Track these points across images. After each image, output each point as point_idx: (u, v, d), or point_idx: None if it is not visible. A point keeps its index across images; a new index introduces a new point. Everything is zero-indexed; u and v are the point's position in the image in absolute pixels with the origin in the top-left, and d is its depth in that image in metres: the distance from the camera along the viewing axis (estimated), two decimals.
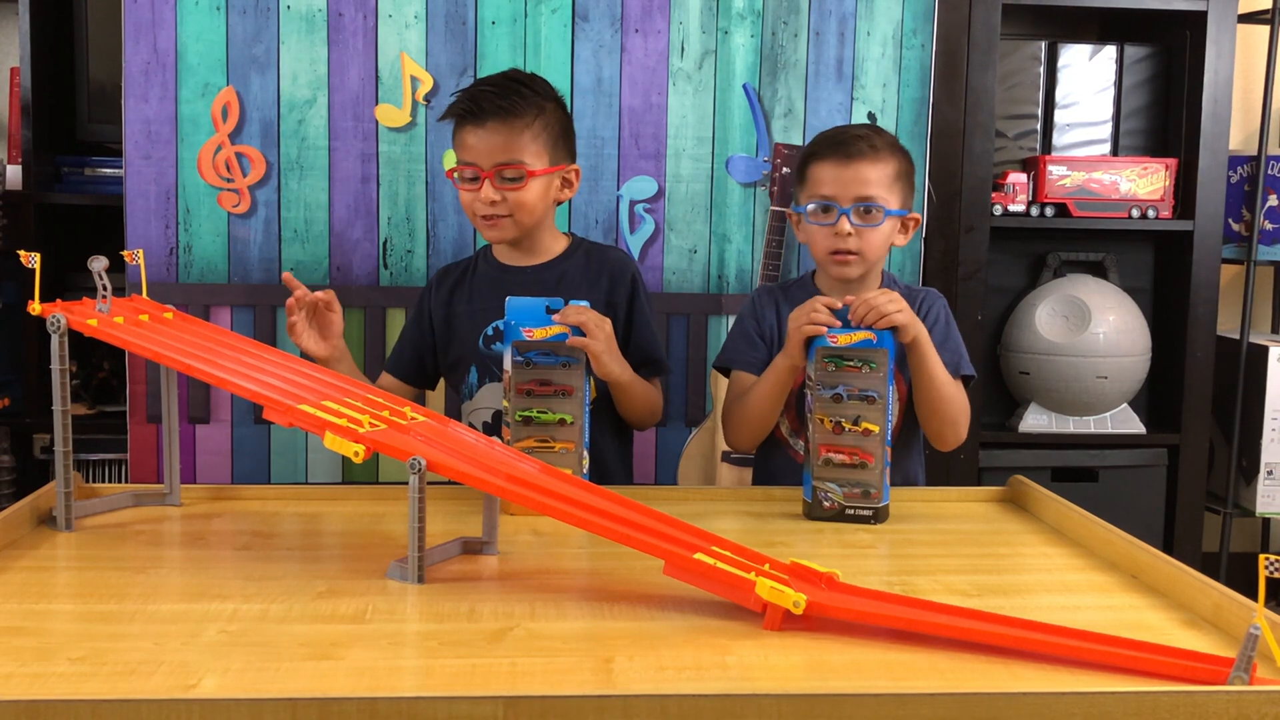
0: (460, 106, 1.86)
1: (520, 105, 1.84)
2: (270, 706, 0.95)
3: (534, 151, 1.85)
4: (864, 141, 1.82)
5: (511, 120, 1.83)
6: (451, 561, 1.41)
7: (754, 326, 1.93)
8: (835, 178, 1.82)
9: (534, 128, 1.85)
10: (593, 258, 1.97)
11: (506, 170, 1.84)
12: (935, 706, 0.99)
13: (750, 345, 1.92)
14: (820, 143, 1.87)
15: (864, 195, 1.81)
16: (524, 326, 1.62)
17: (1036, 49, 2.91)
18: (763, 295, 1.97)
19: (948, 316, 1.91)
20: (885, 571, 1.42)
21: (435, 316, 1.99)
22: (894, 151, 1.86)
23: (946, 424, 1.81)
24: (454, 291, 1.99)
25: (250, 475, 2.37)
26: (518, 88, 1.86)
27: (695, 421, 2.46)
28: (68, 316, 1.49)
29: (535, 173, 1.85)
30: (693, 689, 1.04)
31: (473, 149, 1.85)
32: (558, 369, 1.64)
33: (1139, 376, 2.88)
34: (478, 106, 1.84)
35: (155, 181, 2.32)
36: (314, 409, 1.38)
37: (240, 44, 2.31)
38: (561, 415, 1.64)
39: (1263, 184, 2.98)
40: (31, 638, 1.14)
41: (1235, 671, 1.04)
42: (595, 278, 1.94)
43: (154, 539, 1.52)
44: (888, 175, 1.83)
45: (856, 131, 1.86)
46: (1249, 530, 3.34)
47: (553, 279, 1.93)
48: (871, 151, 1.82)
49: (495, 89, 1.86)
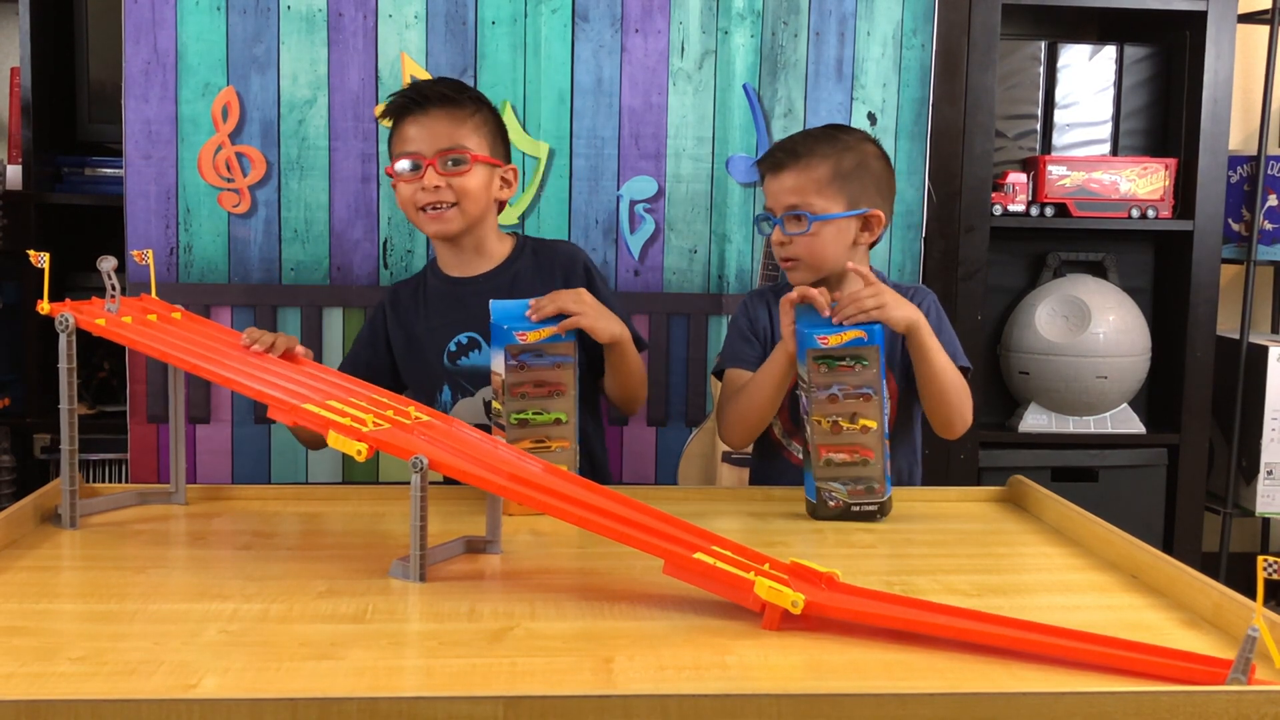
0: (402, 98, 1.87)
1: (461, 97, 1.87)
2: (270, 706, 0.95)
3: (476, 141, 1.86)
4: (788, 152, 1.83)
5: (454, 109, 1.86)
6: (452, 561, 1.41)
7: (747, 326, 1.93)
8: (769, 189, 1.86)
9: (475, 119, 1.87)
10: (541, 254, 1.96)
11: (451, 155, 1.84)
12: (935, 706, 0.99)
13: (745, 343, 1.92)
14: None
15: (790, 204, 1.82)
16: (515, 330, 1.62)
17: (1036, 49, 2.91)
18: (754, 298, 1.97)
19: (939, 311, 1.90)
20: (885, 571, 1.42)
21: (394, 339, 1.97)
22: (839, 155, 1.82)
23: (953, 411, 1.79)
24: (409, 313, 1.96)
25: (250, 475, 2.36)
26: (455, 84, 1.92)
27: (695, 421, 2.46)
28: (76, 316, 1.50)
29: (479, 158, 1.85)
30: (693, 689, 1.04)
31: (414, 139, 1.85)
32: (551, 369, 1.65)
33: (1139, 376, 2.88)
34: (420, 95, 1.86)
35: (155, 181, 2.32)
36: (318, 408, 1.39)
37: (240, 44, 2.31)
38: (556, 415, 1.65)
39: (1262, 184, 2.98)
40: (32, 637, 1.14)
41: (1233, 673, 1.04)
42: (548, 275, 1.92)
43: (155, 538, 1.52)
44: (817, 180, 1.81)
45: (789, 140, 1.87)
46: (1249, 530, 3.35)
47: (505, 284, 1.91)
48: (793, 160, 1.82)
49: (430, 84, 1.90)
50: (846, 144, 1.84)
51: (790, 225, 1.82)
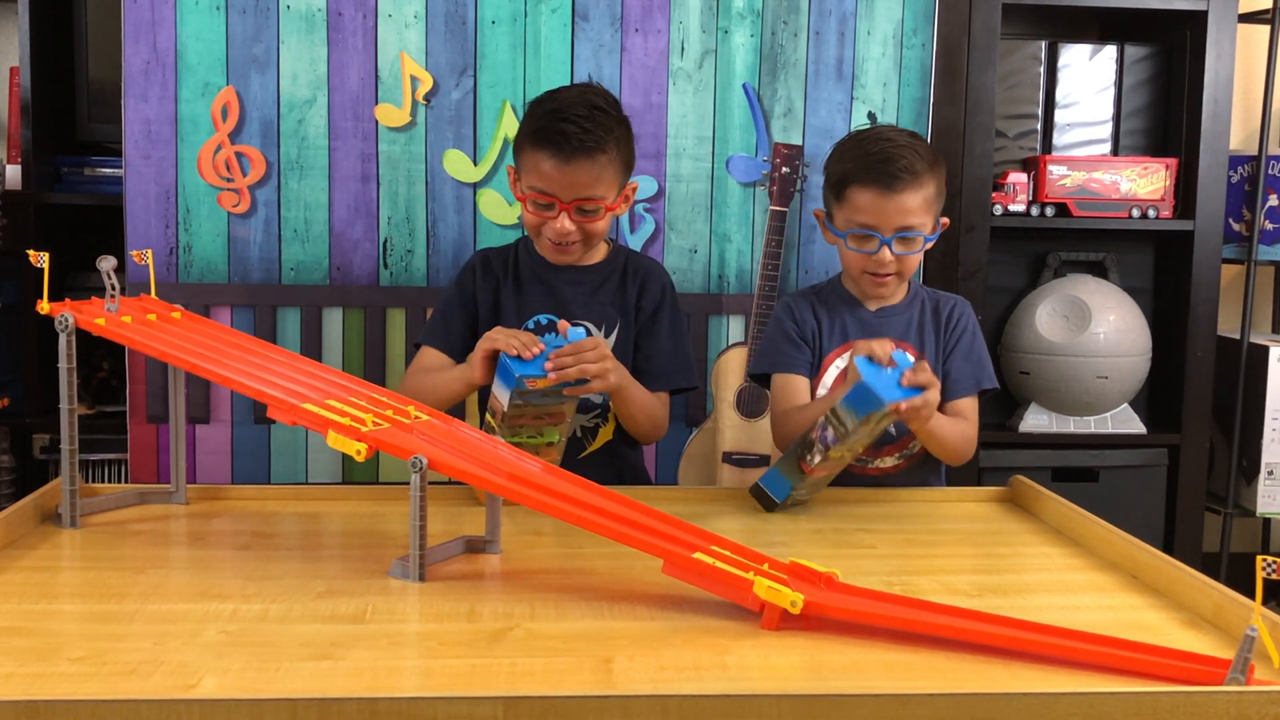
0: (545, 136, 1.79)
1: (604, 140, 1.80)
2: (270, 706, 0.95)
3: (609, 183, 1.83)
4: (907, 170, 1.76)
5: (596, 156, 1.79)
6: (451, 561, 1.41)
7: (794, 330, 1.91)
8: (877, 207, 1.78)
9: (612, 157, 1.82)
10: (630, 267, 1.98)
11: (586, 205, 1.83)
12: (935, 706, 0.99)
13: (795, 348, 1.90)
14: (860, 162, 1.80)
15: (906, 225, 1.79)
16: (525, 376, 1.60)
17: (1036, 49, 2.91)
18: (799, 300, 1.95)
19: (974, 327, 1.90)
20: (885, 571, 1.42)
21: (481, 300, 1.97)
22: (933, 168, 1.81)
23: (952, 458, 1.85)
24: (499, 279, 1.97)
25: (250, 475, 2.36)
26: (600, 118, 1.80)
27: (695, 421, 2.46)
28: (76, 316, 1.50)
29: (611, 206, 1.85)
30: (692, 689, 1.04)
31: (553, 180, 1.80)
32: (553, 405, 1.65)
33: (1139, 376, 2.88)
34: (566, 142, 1.78)
35: (155, 181, 2.32)
36: (318, 408, 1.39)
37: (240, 44, 2.31)
38: (549, 438, 1.66)
39: (1263, 184, 2.98)
40: (32, 638, 1.14)
41: (1232, 673, 1.04)
42: (629, 284, 1.96)
43: (155, 538, 1.52)
44: (928, 198, 1.80)
45: (897, 153, 1.78)
46: (1249, 530, 3.34)
47: (594, 283, 1.95)
48: (913, 179, 1.77)
49: (581, 121, 1.78)
50: (931, 155, 1.82)
51: (900, 245, 1.80)
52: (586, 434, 1.95)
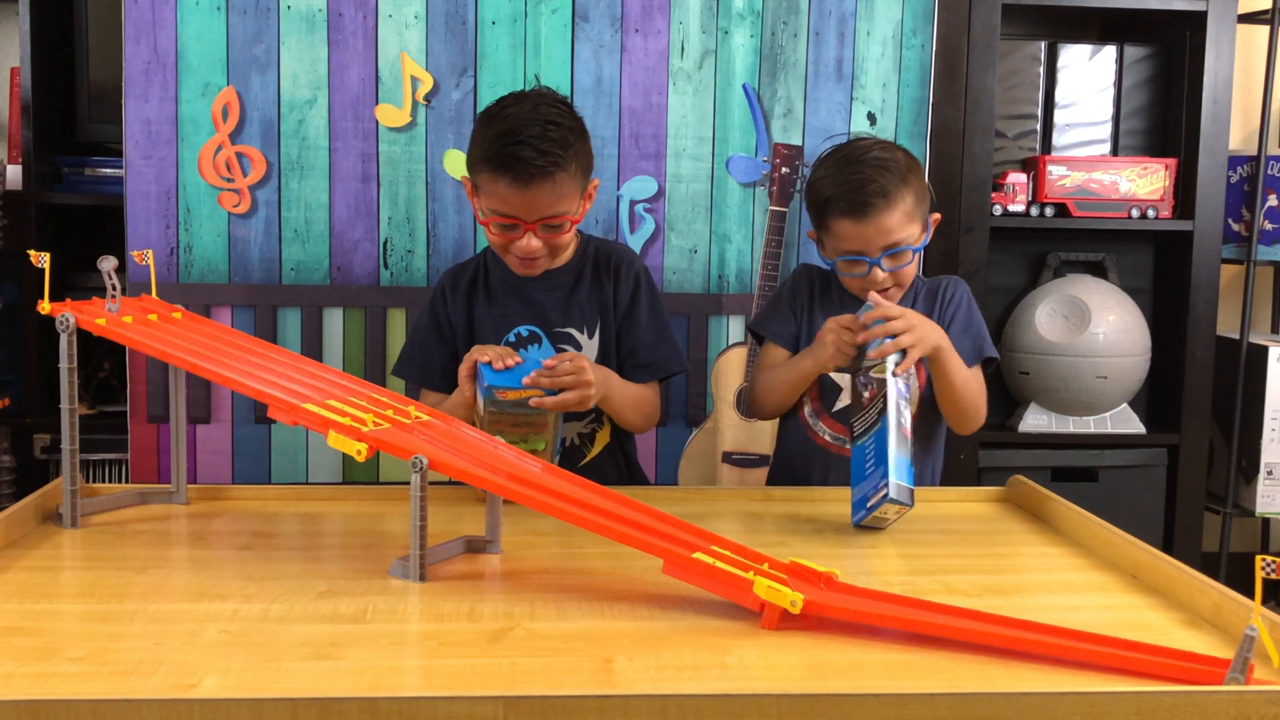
0: (501, 163, 1.74)
1: (561, 158, 1.74)
2: (270, 706, 0.95)
3: (571, 196, 1.79)
4: (878, 193, 1.77)
5: (555, 175, 1.74)
6: (452, 561, 1.41)
7: (789, 300, 1.95)
8: (858, 234, 1.80)
9: (571, 172, 1.77)
10: (600, 258, 1.95)
11: (551, 221, 1.79)
12: (935, 706, 0.99)
13: (783, 318, 1.94)
14: (833, 192, 1.80)
15: (890, 243, 1.80)
16: (496, 387, 1.61)
17: (1036, 49, 2.91)
18: (806, 273, 1.97)
19: (970, 301, 1.92)
20: (885, 571, 1.42)
21: (455, 321, 1.93)
22: (906, 179, 1.81)
23: (969, 415, 1.85)
24: (470, 296, 1.93)
25: (251, 475, 2.37)
26: (554, 134, 1.74)
27: (695, 421, 2.46)
28: (76, 316, 1.50)
29: (575, 219, 1.83)
30: (692, 689, 1.04)
31: (513, 204, 1.76)
32: (531, 415, 1.65)
33: (1139, 376, 2.88)
34: (523, 168, 1.72)
35: (155, 181, 2.32)
36: (318, 408, 1.39)
37: (240, 44, 2.31)
38: (533, 446, 1.66)
39: (1262, 184, 2.98)
40: (32, 637, 1.14)
41: (1231, 672, 1.04)
42: (603, 278, 1.93)
43: (155, 538, 1.52)
44: (907, 210, 1.80)
45: (865, 177, 1.78)
46: (1249, 530, 3.35)
47: (568, 284, 1.91)
48: (886, 201, 1.77)
49: (536, 144, 1.72)
50: (902, 164, 1.82)
51: (890, 262, 1.81)
52: (585, 440, 1.94)
